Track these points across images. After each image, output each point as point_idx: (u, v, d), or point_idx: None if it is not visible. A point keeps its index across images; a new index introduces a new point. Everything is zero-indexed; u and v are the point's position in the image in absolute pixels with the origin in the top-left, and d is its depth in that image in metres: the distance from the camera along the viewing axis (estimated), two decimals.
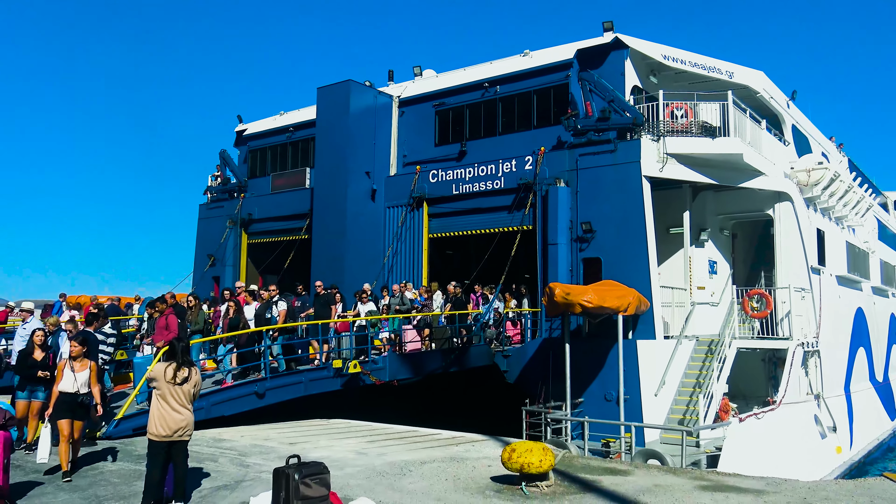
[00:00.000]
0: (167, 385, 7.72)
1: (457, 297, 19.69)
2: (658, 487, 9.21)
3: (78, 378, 9.40)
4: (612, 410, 16.47)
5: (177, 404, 7.70)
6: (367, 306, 18.26)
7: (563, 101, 21.33)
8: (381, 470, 9.92)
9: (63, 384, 9.38)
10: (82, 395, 9.38)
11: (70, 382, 9.37)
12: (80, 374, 9.45)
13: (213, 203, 30.04)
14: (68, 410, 9.28)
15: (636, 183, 18.90)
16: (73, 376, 9.39)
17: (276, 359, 15.74)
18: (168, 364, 7.86)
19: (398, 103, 25.65)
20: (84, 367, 9.53)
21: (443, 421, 15.77)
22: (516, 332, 20.71)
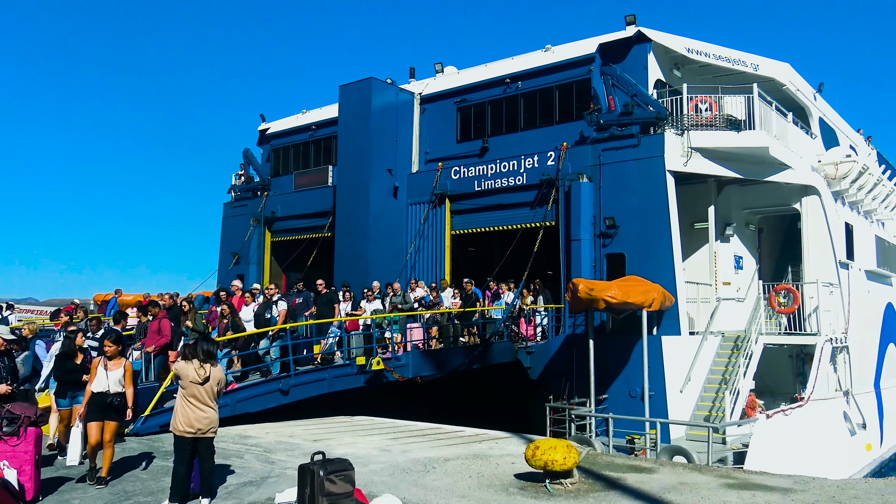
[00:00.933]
0: (191, 383, 7.80)
1: (467, 294, 19.48)
2: (683, 485, 9.13)
3: (110, 377, 8.90)
4: (636, 407, 16.37)
5: (200, 402, 7.78)
6: (373, 305, 17.96)
7: (586, 96, 21.20)
8: (405, 467, 9.94)
9: (95, 384, 8.90)
10: (112, 395, 8.83)
11: (102, 382, 8.88)
12: (113, 373, 8.95)
13: (237, 202, 30.29)
14: (98, 412, 8.80)
15: (660, 178, 18.74)
16: (105, 375, 8.91)
17: (272, 363, 15.19)
18: (191, 362, 7.94)
19: (420, 100, 25.65)
20: (118, 365, 9.02)
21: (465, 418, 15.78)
22: (531, 330, 20.44)
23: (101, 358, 9.06)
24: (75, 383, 10.08)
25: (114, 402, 8.83)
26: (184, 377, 7.83)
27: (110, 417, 8.83)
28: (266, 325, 15.35)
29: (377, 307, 18.03)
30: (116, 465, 9.78)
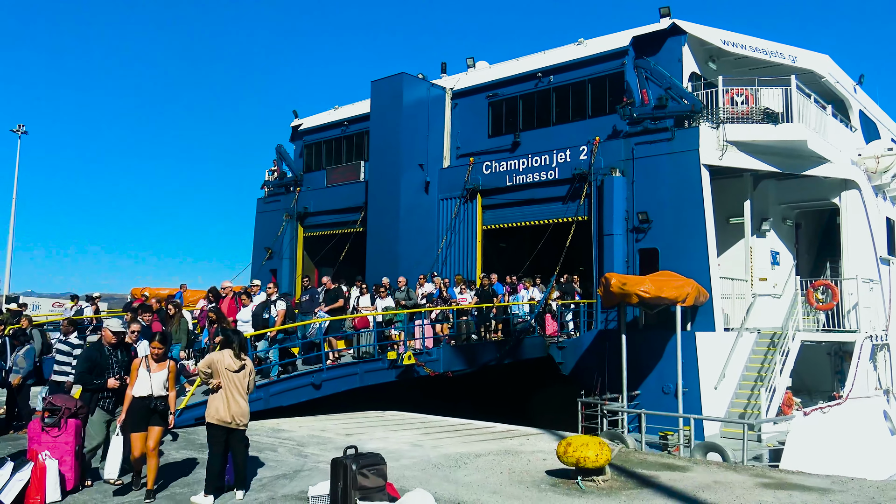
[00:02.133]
0: (225, 372, 7.89)
1: (483, 289, 19.23)
2: (718, 484, 9.02)
3: (154, 380, 8.07)
4: (669, 403, 16.21)
5: (236, 392, 7.88)
6: (385, 301, 17.40)
7: (619, 90, 20.99)
8: (437, 462, 9.97)
9: (137, 387, 8.04)
10: (156, 399, 8.03)
11: (145, 385, 8.04)
12: (157, 375, 8.11)
13: (270, 197, 30.59)
14: (142, 419, 7.96)
15: (694, 171, 18.51)
16: (148, 378, 8.05)
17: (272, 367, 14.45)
18: (225, 352, 8.03)
19: (451, 95, 25.63)
20: (162, 367, 8.17)
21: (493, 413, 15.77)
22: (554, 326, 20.12)
23: (142, 359, 8.28)
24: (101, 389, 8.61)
25: (157, 406, 8.06)
26: (220, 366, 7.91)
27: (155, 422, 8.04)
28: (264, 326, 14.57)
29: (389, 304, 17.47)
30: None
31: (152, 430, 8.00)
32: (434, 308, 18.33)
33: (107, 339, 8.67)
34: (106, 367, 8.49)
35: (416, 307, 17.85)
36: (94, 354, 8.53)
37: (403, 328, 17.04)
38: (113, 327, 8.76)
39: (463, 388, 18.63)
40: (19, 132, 44.78)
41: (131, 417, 7.98)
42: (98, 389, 8.49)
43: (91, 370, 8.41)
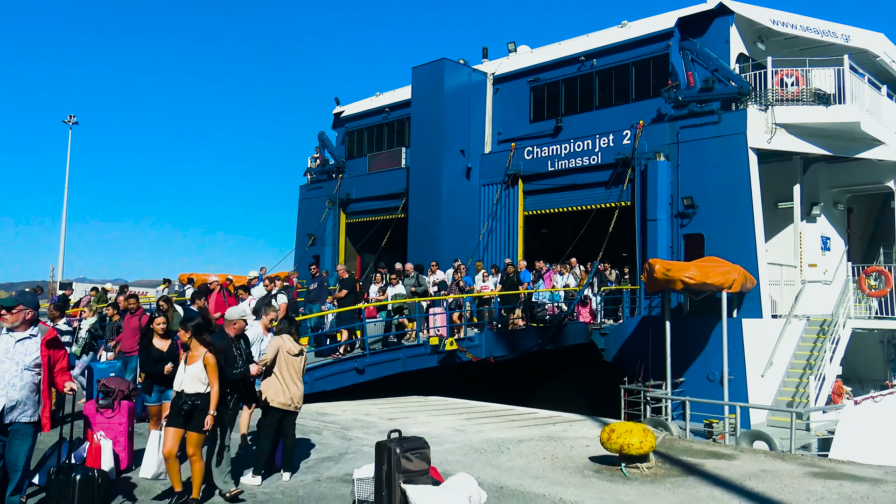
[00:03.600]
0: (286, 356, 8.05)
1: (508, 276, 18.80)
2: (765, 473, 8.88)
3: (187, 373, 6.95)
4: (715, 390, 15.97)
5: (294, 376, 8.06)
6: (395, 289, 16.96)
7: (664, 73, 20.62)
8: (479, 447, 10.01)
9: (175, 381, 7.12)
10: (186, 396, 6.86)
11: (178, 378, 7.06)
12: (190, 368, 6.96)
13: (313, 184, 30.89)
14: (175, 416, 6.91)
15: (742, 155, 18.13)
16: (183, 370, 7.04)
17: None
18: (285, 336, 8.19)
19: (492, 80, 25.50)
20: (196, 358, 6.99)
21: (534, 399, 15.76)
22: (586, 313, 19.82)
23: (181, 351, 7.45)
24: (162, 376, 8.48)
25: (185, 405, 6.84)
26: (281, 351, 8.06)
27: (188, 427, 6.85)
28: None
29: (400, 291, 17.04)
30: None
31: (189, 436, 6.84)
32: (445, 296, 17.84)
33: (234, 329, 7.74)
34: (232, 362, 7.56)
35: (425, 295, 17.55)
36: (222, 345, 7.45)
37: (414, 316, 16.74)
38: (233, 316, 7.84)
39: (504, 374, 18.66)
40: (70, 123, 45.98)
41: (171, 412, 7.02)
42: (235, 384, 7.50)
43: (225, 363, 7.42)
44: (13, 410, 5.99)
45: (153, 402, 8.99)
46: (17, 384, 6.01)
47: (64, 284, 37.78)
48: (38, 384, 6.16)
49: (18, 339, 6.11)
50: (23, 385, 6.03)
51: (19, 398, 6.00)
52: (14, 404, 5.98)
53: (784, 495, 7.82)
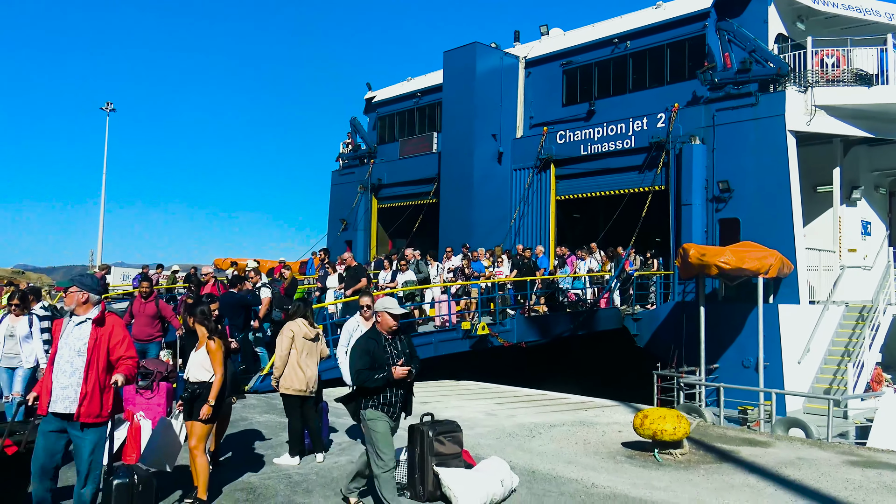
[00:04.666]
0: (301, 342, 8.09)
1: (524, 261, 18.39)
2: (802, 461, 8.77)
3: (192, 360, 6.62)
4: (750, 377, 15.78)
5: (309, 360, 8.09)
6: (405, 275, 16.62)
7: (699, 54, 20.27)
8: (511, 431, 10.04)
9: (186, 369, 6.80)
10: (188, 385, 6.54)
11: (186, 366, 6.76)
12: (195, 354, 6.63)
13: (345, 169, 31.05)
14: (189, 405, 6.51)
15: (780, 138, 17.78)
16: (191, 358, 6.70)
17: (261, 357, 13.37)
18: (299, 321, 8.23)
19: (524, 64, 25.31)
20: (200, 345, 6.64)
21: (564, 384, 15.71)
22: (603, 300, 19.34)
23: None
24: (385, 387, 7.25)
25: (184, 394, 6.53)
26: (295, 336, 8.10)
27: (190, 416, 6.47)
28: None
29: (409, 278, 16.75)
30: (239, 420, 10.12)
31: (190, 427, 6.44)
32: (452, 283, 17.45)
33: (385, 324, 6.24)
34: (384, 361, 6.13)
35: (426, 282, 17.21)
36: (372, 345, 6.15)
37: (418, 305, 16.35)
38: (393, 309, 6.31)
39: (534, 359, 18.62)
40: (108, 110, 46.72)
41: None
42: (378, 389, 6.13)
43: (372, 365, 6.06)
44: (66, 398, 5.53)
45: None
46: (68, 370, 5.58)
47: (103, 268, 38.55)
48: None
49: (77, 322, 5.72)
50: (72, 371, 5.58)
51: (68, 384, 5.57)
52: (65, 391, 5.56)
53: (821, 484, 7.72)
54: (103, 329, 5.66)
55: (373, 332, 6.30)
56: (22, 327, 9.23)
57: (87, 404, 5.49)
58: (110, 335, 5.67)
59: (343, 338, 8.46)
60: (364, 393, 6.13)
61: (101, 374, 5.56)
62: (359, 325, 8.28)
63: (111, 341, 5.65)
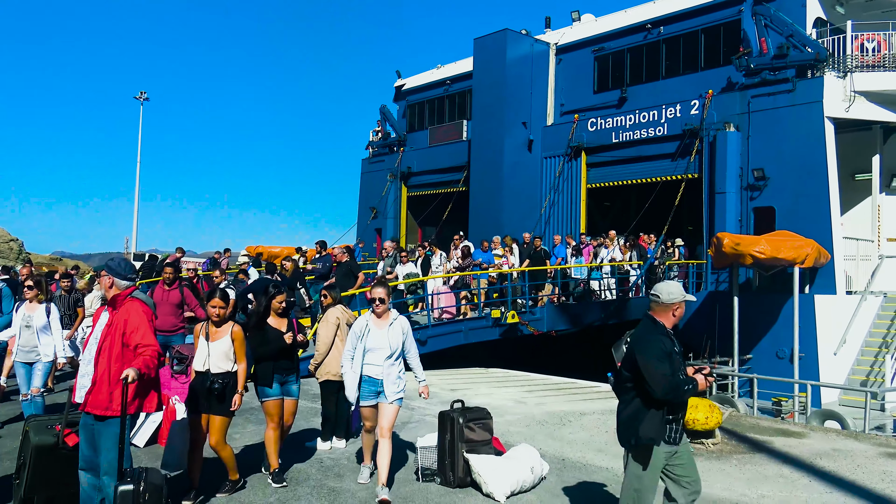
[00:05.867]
0: (346, 328, 8.11)
1: (535, 251, 17.74)
2: (837, 452, 8.63)
3: (212, 351, 6.10)
4: (784, 368, 15.57)
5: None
6: (405, 268, 16.25)
7: (735, 39, 19.91)
8: (541, 419, 10.02)
9: (196, 360, 6.23)
10: (213, 376, 6.02)
11: (201, 356, 6.16)
12: (216, 344, 6.12)
13: (375, 157, 31.13)
14: (204, 398, 6.06)
15: (817, 125, 17.42)
16: (206, 348, 6.14)
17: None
18: (339, 307, 8.27)
19: (555, 51, 25.09)
20: (222, 334, 6.17)
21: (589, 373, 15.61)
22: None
23: (203, 324, 6.33)
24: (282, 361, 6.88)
25: (214, 385, 6.01)
26: (340, 321, 8.11)
27: (214, 410, 6.04)
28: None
29: (411, 270, 16.38)
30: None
31: (213, 421, 6.03)
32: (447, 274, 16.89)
33: (678, 315, 4.97)
34: (680, 369, 4.77)
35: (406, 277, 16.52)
36: (668, 345, 4.75)
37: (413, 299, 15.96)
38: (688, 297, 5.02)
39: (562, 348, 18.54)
40: (141, 99, 47.35)
41: (191, 397, 6.20)
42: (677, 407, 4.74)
43: (675, 371, 4.65)
44: (83, 387, 5.12)
45: (275, 395, 6.80)
46: (87, 357, 5.22)
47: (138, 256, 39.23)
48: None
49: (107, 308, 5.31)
50: (89, 359, 5.17)
51: (86, 372, 5.17)
52: (83, 379, 5.16)
53: (857, 475, 7.59)
54: (118, 314, 5.07)
55: (660, 327, 4.85)
56: (39, 317, 8.32)
57: (94, 395, 4.93)
58: (125, 321, 5.02)
59: (350, 342, 6.56)
60: (662, 406, 4.60)
61: (113, 364, 4.94)
62: (369, 326, 6.49)
63: (127, 327, 5.01)
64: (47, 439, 5.38)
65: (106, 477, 4.91)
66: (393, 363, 6.53)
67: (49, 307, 8.42)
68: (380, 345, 6.47)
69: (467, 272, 16.83)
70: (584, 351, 19.12)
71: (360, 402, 6.57)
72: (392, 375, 6.53)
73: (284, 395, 6.91)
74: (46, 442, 5.37)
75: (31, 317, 8.28)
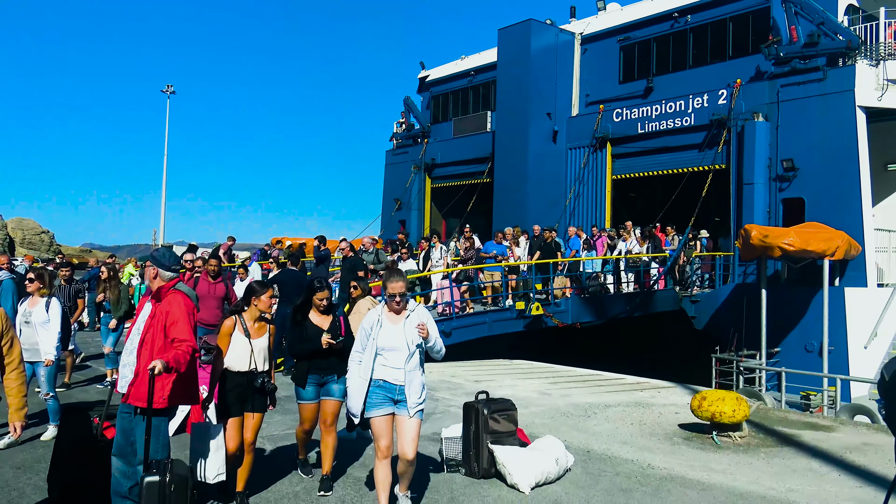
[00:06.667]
0: None
1: (545, 243, 17.32)
2: (867, 446, 8.49)
3: (255, 347, 5.75)
4: (813, 362, 15.37)
5: None
6: (406, 265, 15.83)
7: (764, 28, 19.59)
8: (566, 411, 9.99)
9: (233, 357, 5.71)
10: (260, 374, 5.73)
11: (243, 354, 5.71)
12: (259, 342, 5.79)
13: (399, 149, 31.15)
14: (240, 400, 5.70)
15: (849, 114, 17.11)
16: (247, 345, 5.72)
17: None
18: (370, 299, 8.29)
19: (580, 40, 24.89)
20: (263, 331, 5.86)
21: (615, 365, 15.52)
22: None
23: (236, 318, 5.83)
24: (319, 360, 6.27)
25: (266, 384, 5.75)
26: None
27: (257, 407, 5.78)
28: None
29: (410, 267, 15.99)
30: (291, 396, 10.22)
31: (255, 419, 5.76)
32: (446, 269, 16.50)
33: None
34: None
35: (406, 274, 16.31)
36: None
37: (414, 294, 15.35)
38: None
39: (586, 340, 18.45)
40: (168, 92, 47.84)
41: (228, 398, 5.70)
42: None
43: None
44: (124, 377, 5.10)
45: (308, 399, 6.30)
46: (129, 348, 5.16)
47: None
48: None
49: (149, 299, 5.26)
50: (131, 349, 5.11)
51: (127, 362, 5.13)
52: (124, 369, 5.13)
53: (888, 470, 7.46)
54: (161, 306, 5.03)
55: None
56: (39, 312, 7.81)
57: (137, 387, 4.91)
58: (167, 313, 4.98)
59: (359, 340, 5.53)
60: None
61: (156, 356, 4.83)
62: (381, 321, 5.45)
63: (168, 319, 4.96)
64: (86, 431, 5.52)
65: (140, 466, 4.92)
66: (416, 367, 5.41)
67: (49, 301, 7.99)
68: (395, 343, 5.35)
69: (469, 266, 16.68)
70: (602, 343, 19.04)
71: (366, 413, 5.33)
72: (416, 382, 5.37)
73: (324, 396, 6.31)
74: (85, 433, 5.51)
75: (31, 312, 7.86)
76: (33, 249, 56.85)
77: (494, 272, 16.92)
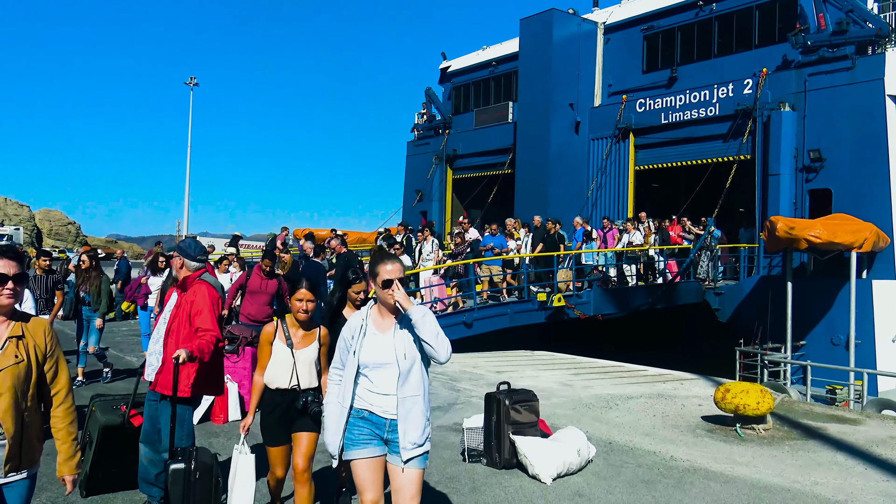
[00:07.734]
0: None
1: (548, 234, 17.00)
2: (894, 440, 8.38)
3: (299, 360, 4.72)
4: (839, 355, 15.17)
5: None
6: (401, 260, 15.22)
7: (791, 15, 19.28)
8: (587, 402, 9.97)
9: (273, 373, 4.73)
10: (305, 392, 4.71)
11: (284, 369, 4.71)
12: (304, 352, 4.76)
13: (420, 140, 31.14)
14: (283, 425, 4.74)
15: (878, 103, 16.80)
16: (290, 357, 4.72)
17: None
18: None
19: (603, 30, 24.69)
20: (310, 339, 4.80)
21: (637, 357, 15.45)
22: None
23: (277, 327, 4.80)
24: None
25: (310, 405, 4.68)
26: None
27: (306, 426, 4.72)
28: None
29: (405, 263, 15.11)
30: None
31: (302, 440, 4.70)
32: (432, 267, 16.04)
33: None
34: None
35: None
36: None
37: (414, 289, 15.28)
38: None
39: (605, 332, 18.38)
40: (191, 84, 48.20)
41: (268, 421, 4.76)
42: None
43: None
44: (150, 365, 5.19)
45: None
46: (155, 336, 5.28)
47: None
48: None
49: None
50: (158, 338, 5.21)
51: (153, 351, 5.21)
52: (151, 357, 5.23)
53: None
54: (186, 295, 5.07)
55: None
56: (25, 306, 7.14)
57: (164, 375, 4.95)
58: (192, 303, 4.97)
59: (337, 354, 3.99)
60: None
61: (182, 345, 4.84)
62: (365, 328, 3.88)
63: (192, 309, 4.94)
64: (114, 419, 5.63)
65: (166, 454, 4.98)
66: (416, 392, 3.83)
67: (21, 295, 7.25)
68: (383, 358, 3.78)
69: (459, 261, 16.33)
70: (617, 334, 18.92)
71: (345, 454, 3.80)
72: (414, 414, 3.78)
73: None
74: (113, 422, 5.62)
75: None
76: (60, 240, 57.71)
77: (493, 265, 16.70)
